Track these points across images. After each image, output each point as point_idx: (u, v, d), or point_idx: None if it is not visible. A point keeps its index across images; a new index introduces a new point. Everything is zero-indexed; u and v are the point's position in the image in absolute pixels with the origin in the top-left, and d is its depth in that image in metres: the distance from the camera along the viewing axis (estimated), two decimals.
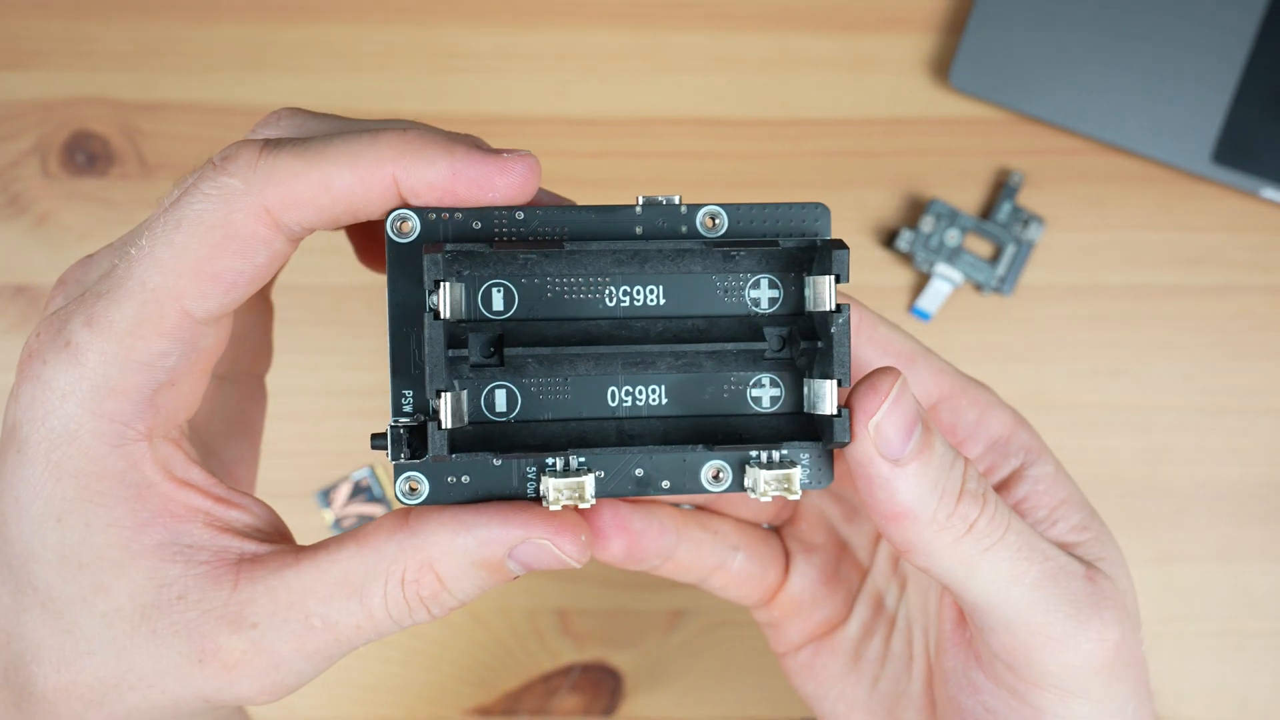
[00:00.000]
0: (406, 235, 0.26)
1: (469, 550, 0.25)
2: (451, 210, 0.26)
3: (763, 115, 0.52)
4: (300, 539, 0.27)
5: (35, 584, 0.25)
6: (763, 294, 0.27)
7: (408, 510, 0.26)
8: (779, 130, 0.52)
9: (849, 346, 0.26)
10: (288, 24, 0.51)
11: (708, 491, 0.27)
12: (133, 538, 0.25)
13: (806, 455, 0.27)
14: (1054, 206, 0.51)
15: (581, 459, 0.26)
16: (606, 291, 0.26)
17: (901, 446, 0.25)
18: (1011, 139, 0.51)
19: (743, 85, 0.52)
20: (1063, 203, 0.51)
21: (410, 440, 0.25)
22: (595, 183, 0.51)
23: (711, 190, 0.51)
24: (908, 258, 0.51)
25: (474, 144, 0.26)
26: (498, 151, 0.26)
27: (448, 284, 0.25)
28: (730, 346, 0.26)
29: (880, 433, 0.25)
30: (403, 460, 0.25)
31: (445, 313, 0.25)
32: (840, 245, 0.25)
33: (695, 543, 0.32)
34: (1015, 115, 0.51)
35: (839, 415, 0.25)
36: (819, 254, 0.26)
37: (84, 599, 0.25)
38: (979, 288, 0.51)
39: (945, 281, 0.50)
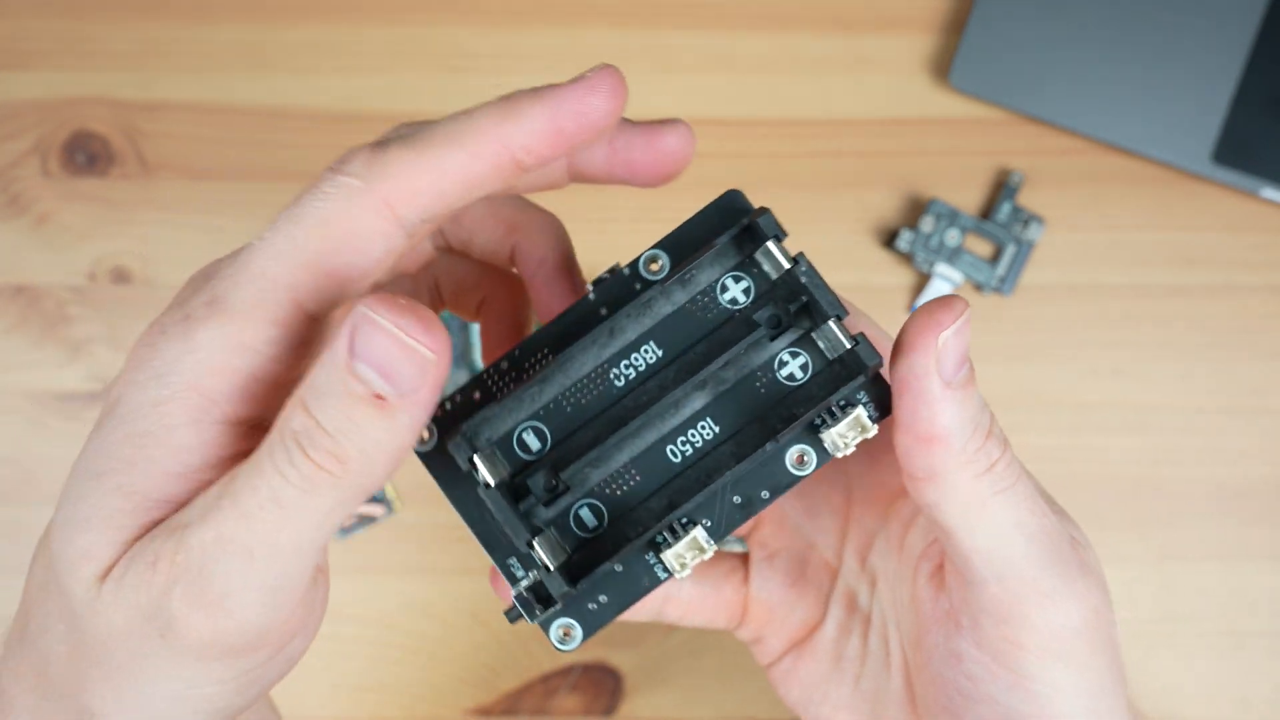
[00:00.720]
0: (428, 444, 0.28)
1: (322, 361, 0.24)
2: (448, 399, 0.28)
3: (763, 115, 0.52)
4: None
5: (50, 542, 0.26)
6: (734, 291, 0.28)
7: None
8: (779, 130, 0.52)
9: (825, 284, 0.26)
10: (288, 24, 0.52)
11: (802, 477, 0.27)
12: (149, 508, 0.25)
13: (861, 393, 0.27)
14: (1054, 206, 0.51)
15: (683, 519, 0.27)
16: (612, 374, 0.27)
17: (956, 370, 0.26)
18: (1011, 139, 0.51)
19: (743, 85, 0.52)
20: (1063, 203, 0.51)
21: (538, 596, 0.27)
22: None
23: (711, 190, 0.51)
24: (908, 258, 0.51)
25: (558, 86, 0.26)
26: (579, 76, 0.26)
27: (478, 457, 0.26)
28: (736, 349, 0.27)
29: (944, 350, 0.26)
30: (541, 615, 0.27)
31: (491, 480, 0.26)
32: (762, 211, 0.27)
33: None
34: (1015, 115, 0.51)
35: (857, 343, 0.26)
36: (751, 231, 0.27)
37: (73, 564, 0.25)
38: (979, 288, 0.51)
39: (945, 282, 0.50)
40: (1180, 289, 0.51)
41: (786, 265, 0.27)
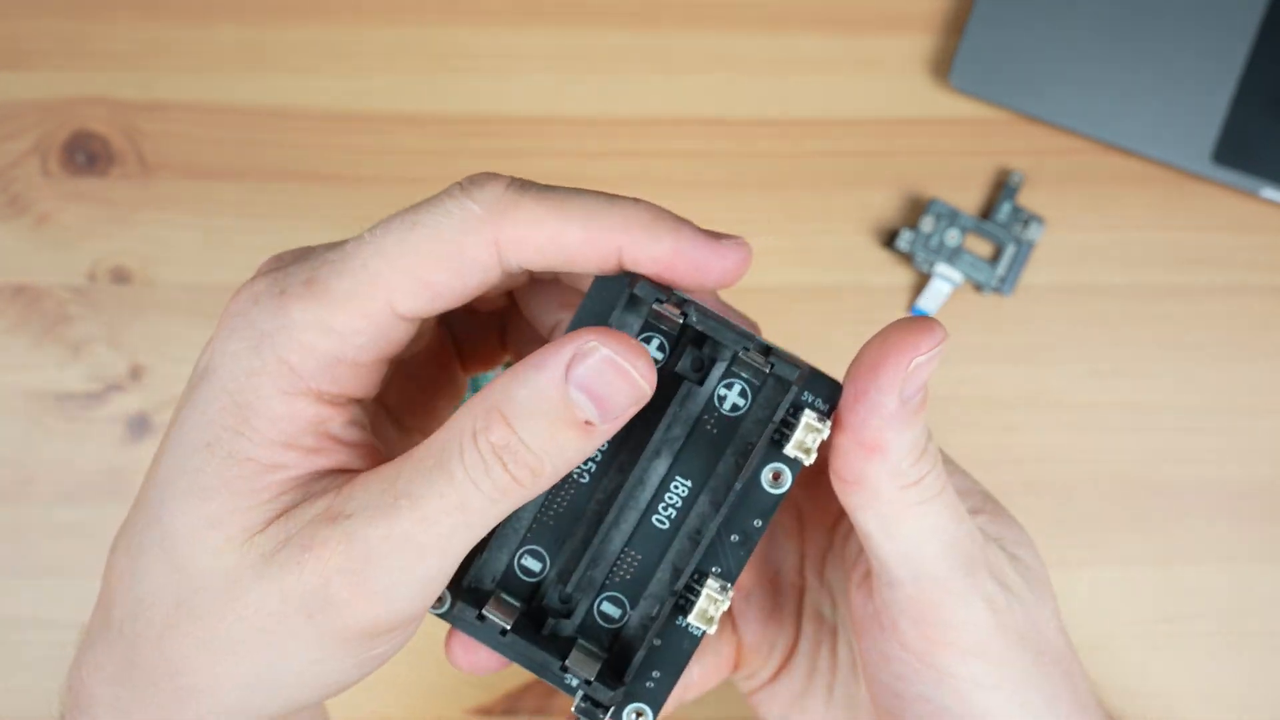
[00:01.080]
0: (444, 606, 0.28)
1: (527, 381, 0.25)
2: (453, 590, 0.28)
3: (763, 115, 0.52)
4: None
5: (161, 515, 0.26)
6: (650, 350, 0.28)
7: None
8: (779, 130, 0.52)
9: (720, 321, 0.27)
10: (288, 24, 0.51)
11: (779, 494, 0.28)
12: (263, 474, 0.26)
13: (805, 394, 0.27)
14: (1054, 207, 0.51)
15: (695, 575, 0.28)
16: (574, 475, 0.28)
17: (916, 393, 0.26)
18: (1011, 139, 0.51)
19: (743, 85, 0.52)
20: (1063, 203, 0.51)
21: (594, 703, 0.28)
22: (595, 183, 0.51)
23: (711, 191, 0.51)
24: (908, 258, 0.51)
25: (697, 228, 0.27)
26: (718, 236, 0.27)
27: (488, 608, 0.27)
28: (673, 408, 0.27)
29: (913, 373, 0.26)
30: (606, 717, 0.28)
31: (506, 625, 0.27)
32: (636, 279, 0.27)
33: None
34: (1015, 115, 0.51)
35: (772, 366, 0.27)
36: (634, 301, 0.27)
37: (196, 533, 0.25)
38: (979, 288, 0.51)
39: (945, 281, 0.50)
40: (1180, 289, 0.51)
41: (679, 320, 0.27)
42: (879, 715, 0.32)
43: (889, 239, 0.51)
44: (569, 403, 0.24)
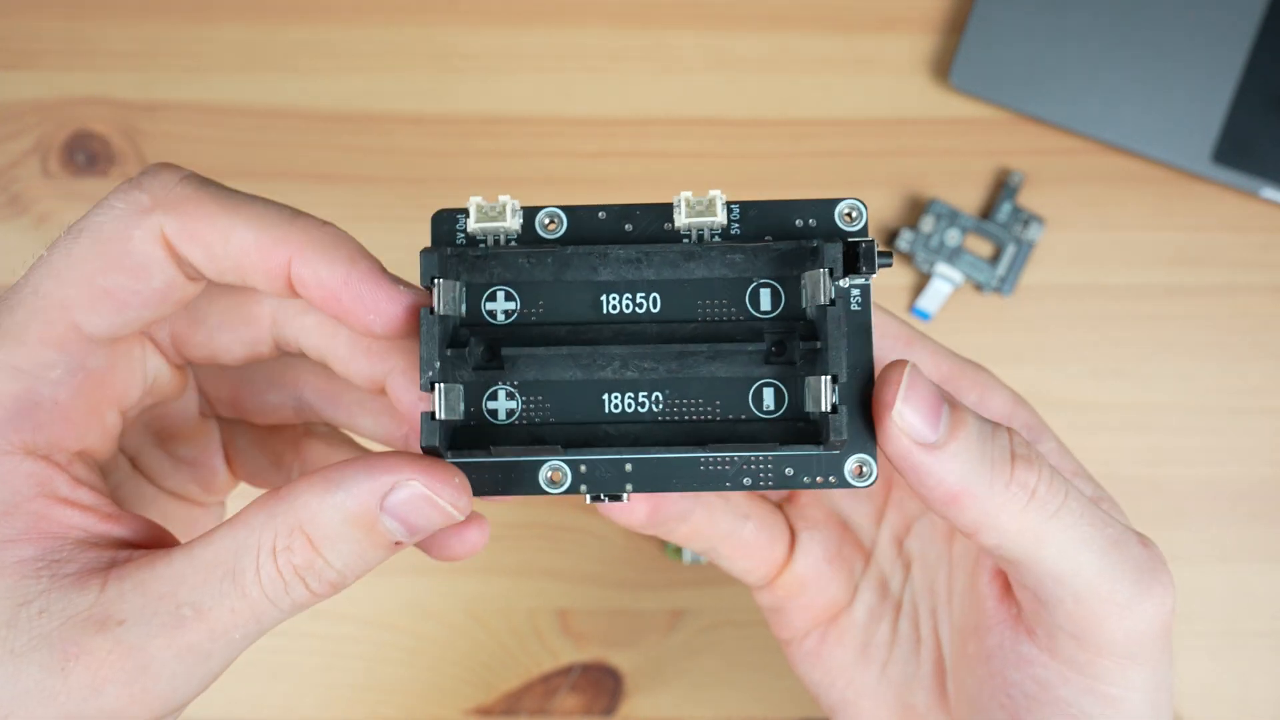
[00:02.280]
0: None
1: (338, 506, 0.24)
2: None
3: (763, 115, 0.52)
4: None
5: None
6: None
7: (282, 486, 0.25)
8: (779, 130, 0.52)
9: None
10: (288, 24, 0.51)
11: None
12: None
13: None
14: (1054, 206, 0.51)
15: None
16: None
17: (933, 430, 0.25)
18: (1011, 139, 0.51)
19: (743, 85, 0.52)
20: (1063, 203, 0.51)
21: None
22: (595, 182, 0.51)
23: (711, 189, 0.51)
24: (908, 257, 0.51)
25: (379, 267, 0.26)
26: (395, 282, 0.25)
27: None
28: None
29: (906, 421, 0.25)
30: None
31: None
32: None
33: (710, 507, 0.31)
34: (1015, 115, 0.51)
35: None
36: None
37: None
38: (979, 288, 0.51)
39: (945, 281, 0.50)
40: (1180, 289, 0.51)
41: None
42: (968, 704, 0.30)
43: (889, 239, 0.51)
44: (381, 529, 0.24)
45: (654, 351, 0.26)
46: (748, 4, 0.52)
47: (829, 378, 0.25)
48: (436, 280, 0.25)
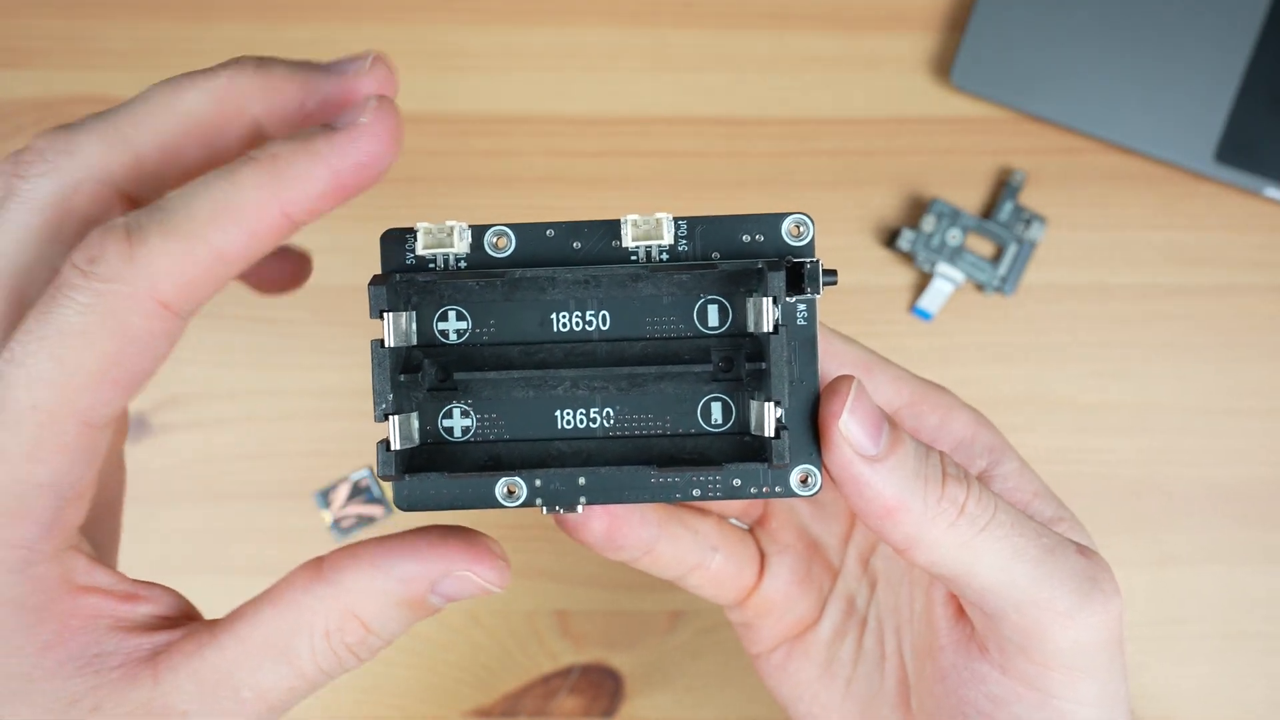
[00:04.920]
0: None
1: (390, 592, 0.25)
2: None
3: (763, 115, 0.51)
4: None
5: None
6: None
7: (320, 559, 0.26)
8: (779, 130, 0.51)
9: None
10: (288, 24, 0.51)
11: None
12: (35, 664, 0.24)
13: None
14: (1056, 206, 0.51)
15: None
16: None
17: (874, 443, 0.26)
18: (1013, 138, 0.51)
19: (743, 85, 0.52)
20: (1064, 202, 0.51)
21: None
22: (595, 182, 0.51)
23: (712, 190, 0.51)
24: (909, 257, 0.51)
25: (327, 133, 0.24)
26: (355, 126, 0.24)
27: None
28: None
29: (850, 433, 0.26)
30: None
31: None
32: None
33: (676, 539, 0.32)
34: (1017, 114, 0.51)
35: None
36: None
37: None
38: (981, 287, 0.51)
39: (947, 281, 0.50)
40: (1182, 289, 0.51)
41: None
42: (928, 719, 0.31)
43: (890, 238, 0.51)
44: (428, 604, 0.26)
45: (604, 374, 0.26)
46: (748, 3, 0.52)
47: (772, 403, 0.25)
48: (385, 314, 0.25)
